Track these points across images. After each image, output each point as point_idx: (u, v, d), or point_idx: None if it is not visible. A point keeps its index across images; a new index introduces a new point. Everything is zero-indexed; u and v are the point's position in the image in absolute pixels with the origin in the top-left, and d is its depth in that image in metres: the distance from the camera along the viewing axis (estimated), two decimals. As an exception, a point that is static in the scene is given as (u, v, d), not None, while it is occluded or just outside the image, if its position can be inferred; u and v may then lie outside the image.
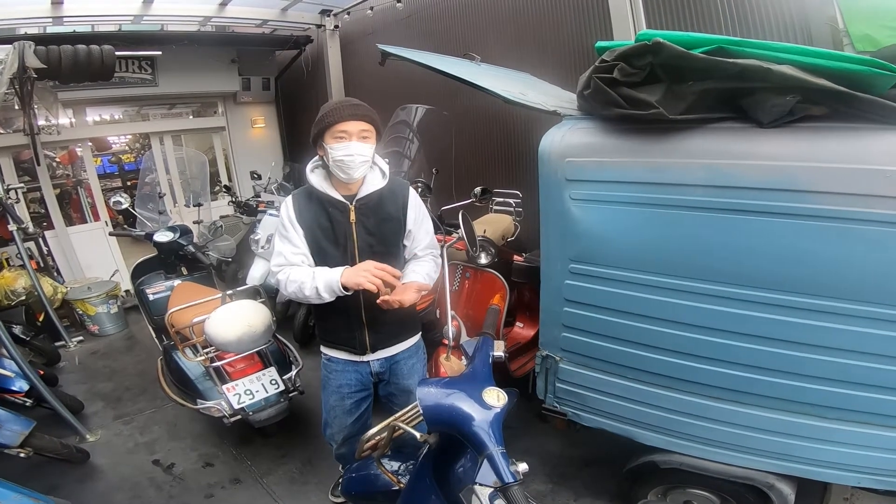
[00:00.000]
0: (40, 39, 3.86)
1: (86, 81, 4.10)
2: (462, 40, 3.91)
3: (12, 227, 3.81)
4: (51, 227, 5.03)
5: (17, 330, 3.54)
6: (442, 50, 2.55)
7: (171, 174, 5.88)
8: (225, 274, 4.30)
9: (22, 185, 4.50)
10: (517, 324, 2.83)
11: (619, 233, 1.54)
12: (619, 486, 2.14)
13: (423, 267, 1.74)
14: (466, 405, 1.15)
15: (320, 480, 2.49)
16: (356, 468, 1.84)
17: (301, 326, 3.62)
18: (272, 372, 2.53)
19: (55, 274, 4.78)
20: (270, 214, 3.95)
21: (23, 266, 4.04)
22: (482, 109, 3.64)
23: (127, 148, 6.88)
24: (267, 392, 2.47)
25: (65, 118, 5.11)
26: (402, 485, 1.57)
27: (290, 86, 6.50)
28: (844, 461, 1.45)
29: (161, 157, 5.84)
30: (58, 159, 5.64)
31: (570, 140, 1.59)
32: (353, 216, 1.63)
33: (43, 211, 5.09)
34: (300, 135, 6.54)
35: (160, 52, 5.07)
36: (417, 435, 1.39)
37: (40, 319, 4.18)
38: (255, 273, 3.71)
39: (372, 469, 1.70)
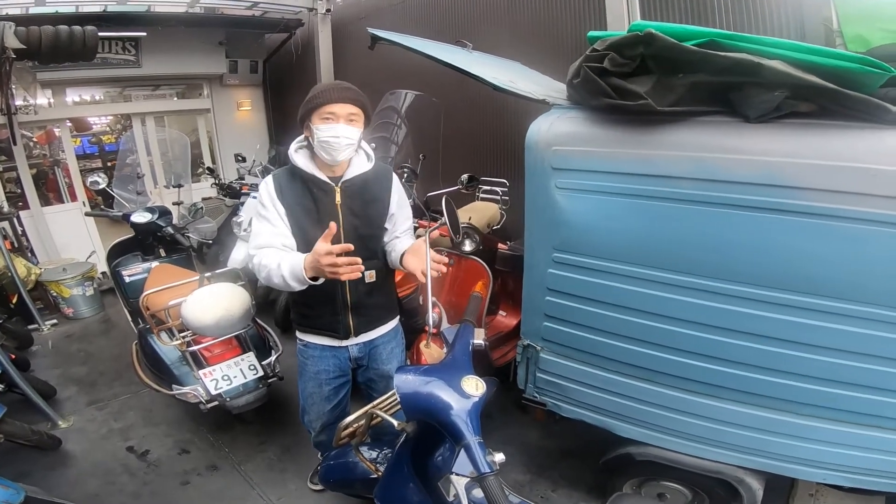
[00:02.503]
0: (21, 20, 3.74)
1: (67, 62, 3.95)
2: (455, 28, 3.87)
3: None
4: (26, 206, 4.92)
5: None
6: (434, 37, 2.51)
7: (153, 155, 5.77)
8: (206, 257, 4.23)
9: None
10: (500, 312, 2.82)
11: (604, 223, 1.53)
12: (595, 478, 2.17)
13: (407, 241, 1.73)
14: (444, 393, 1.14)
15: (299, 468, 2.47)
16: (334, 456, 1.84)
17: (282, 311, 3.58)
18: (251, 357, 2.48)
19: (29, 255, 4.67)
20: (254, 197, 3.87)
21: None
22: (472, 97, 3.61)
23: (108, 129, 6.70)
24: (245, 378, 2.42)
25: (43, 98, 5.01)
26: (380, 473, 1.57)
27: (278, 69, 6.41)
28: (812, 457, 1.47)
29: (142, 139, 5.71)
30: (35, 139, 5.48)
31: (557, 129, 1.57)
32: (338, 198, 1.60)
33: (18, 191, 4.97)
34: (287, 119, 6.46)
35: (145, 34, 4.95)
36: (395, 423, 1.38)
37: (13, 301, 4.08)
38: (237, 256, 3.64)
39: (350, 457, 1.70)
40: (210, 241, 4.03)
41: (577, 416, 1.84)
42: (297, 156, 1.61)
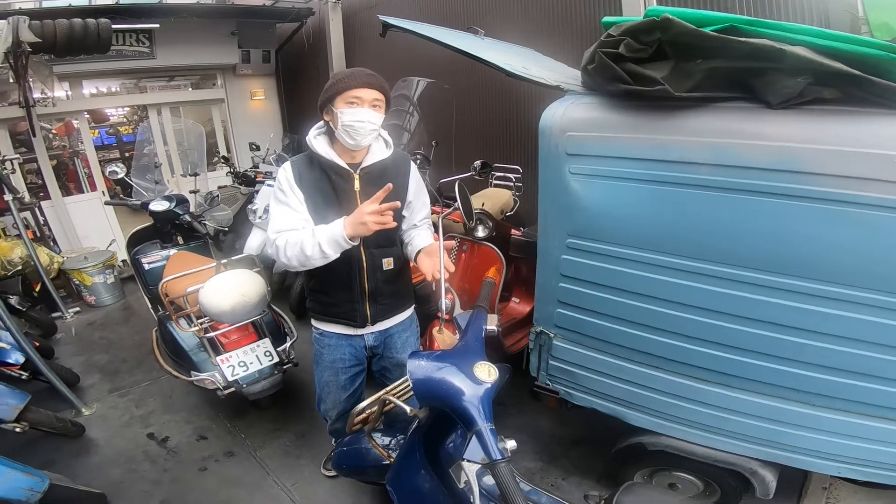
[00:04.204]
0: (36, 14, 3.77)
1: (81, 55, 4.01)
2: (466, 15, 3.81)
3: (7, 196, 3.80)
4: (47, 197, 5.04)
5: (13, 300, 3.52)
6: (446, 24, 2.48)
7: (169, 145, 5.85)
8: (223, 244, 4.29)
9: (17, 156, 4.47)
10: (513, 299, 2.82)
11: (619, 209, 1.51)
12: (606, 467, 2.18)
13: (425, 234, 1.74)
14: (457, 380, 1.14)
15: (313, 454, 2.50)
16: (348, 442, 1.86)
17: (298, 297, 3.62)
18: (266, 343, 2.50)
19: (52, 244, 4.78)
20: (268, 185, 3.92)
21: (19, 236, 4.03)
22: (485, 84, 3.58)
23: (125, 120, 6.80)
24: (261, 364, 2.45)
25: (60, 91, 5.08)
26: (392, 459, 1.59)
27: (290, 59, 6.41)
28: (826, 450, 1.45)
29: (159, 129, 5.80)
30: (54, 131, 5.58)
31: (571, 114, 1.55)
32: (357, 184, 1.61)
33: (40, 181, 5.08)
34: (300, 107, 6.50)
35: (158, 25, 4.97)
36: (408, 409, 1.39)
37: (37, 290, 4.16)
38: (253, 243, 3.70)
39: (363, 443, 1.71)
40: (226, 229, 4.08)
41: (589, 404, 1.83)
42: (317, 142, 1.60)
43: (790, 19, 2.38)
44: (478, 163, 2.59)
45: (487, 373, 1.15)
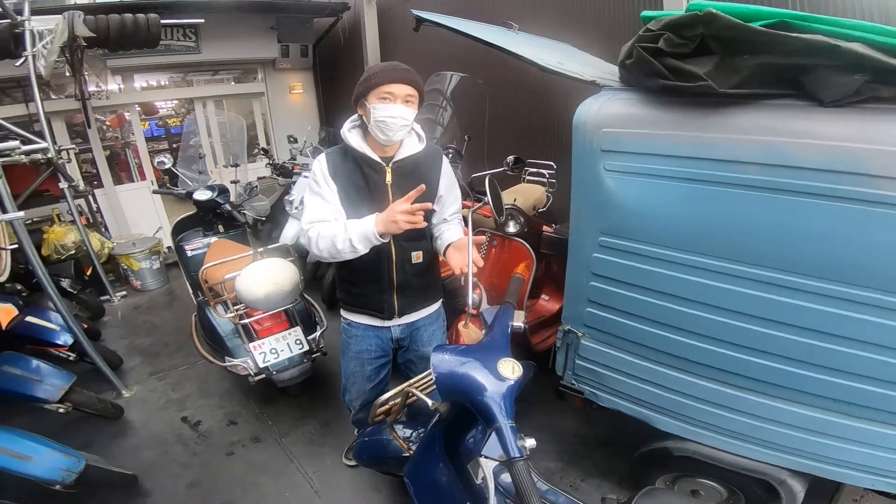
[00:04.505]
0: (89, 9, 3.95)
1: (133, 49, 4.16)
2: (500, 9, 3.74)
3: (63, 184, 4.01)
4: (100, 185, 5.30)
5: (65, 283, 3.70)
6: (479, 18, 2.45)
7: (213, 137, 6.04)
8: (260, 233, 4.42)
9: (73, 146, 4.72)
10: (542, 296, 2.78)
11: (655, 207, 1.46)
12: (628, 470, 2.14)
13: (455, 229, 1.74)
14: (480, 375, 1.13)
15: (336, 443, 2.54)
16: (369, 433, 1.87)
17: (329, 287, 3.69)
18: (297, 332, 2.55)
19: (103, 230, 5.02)
20: (305, 177, 4.02)
21: (73, 222, 4.26)
22: (519, 79, 3.52)
23: (173, 112, 7.08)
24: (291, 352, 2.50)
25: (114, 84, 5.30)
26: (412, 452, 1.60)
27: (327, 53, 6.50)
28: (862, 462, 1.39)
29: (204, 121, 6.00)
30: (108, 123, 5.86)
31: (607, 110, 1.51)
32: (389, 177, 1.62)
33: (94, 171, 5.35)
34: (336, 101, 6.59)
35: (203, 20, 5.11)
36: (430, 402, 1.40)
37: (88, 274, 4.38)
38: (288, 233, 3.79)
39: (384, 434, 1.73)
40: (264, 219, 4.20)
41: (615, 406, 1.80)
42: (350, 135, 1.62)
43: (847, 16, 2.22)
44: (510, 158, 2.56)
45: (511, 369, 1.14)
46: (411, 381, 1.57)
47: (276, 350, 2.48)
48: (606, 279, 1.63)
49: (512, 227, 2.33)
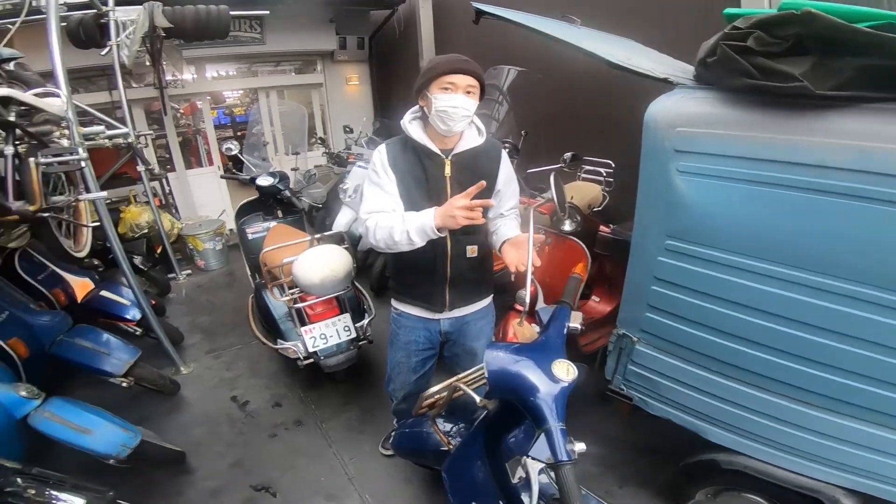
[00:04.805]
0: (166, 0, 4.15)
1: (205, 40, 4.33)
2: (560, 3, 3.62)
3: (141, 168, 4.29)
4: (173, 169, 5.65)
5: (137, 260, 3.93)
6: (537, 12, 2.38)
7: (275, 126, 6.28)
8: (314, 219, 4.55)
9: (151, 132, 5.05)
10: (593, 297, 2.71)
11: (730, 212, 1.38)
12: (668, 480, 2.05)
13: (511, 224, 1.73)
14: (533, 375, 1.12)
15: (375, 431, 2.57)
16: (409, 424, 1.91)
17: (378, 276, 3.76)
18: (346, 318, 2.60)
19: (174, 211, 5.32)
20: (359, 166, 4.11)
21: (147, 203, 4.57)
22: (578, 74, 3.40)
23: (238, 102, 7.43)
24: (340, 338, 2.55)
25: (188, 74, 5.59)
26: (451, 446, 1.61)
27: (382, 45, 6.57)
28: None
29: (266, 110, 6.24)
30: (181, 111, 6.21)
31: (682, 109, 1.43)
32: (448, 170, 1.62)
33: (167, 155, 5.70)
34: (390, 92, 6.67)
35: (268, 12, 5.23)
36: (477, 399, 1.39)
37: (158, 252, 4.67)
38: (341, 220, 3.90)
39: (425, 427, 1.76)
40: (320, 206, 4.31)
41: (665, 414, 1.74)
42: (411, 126, 1.63)
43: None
44: (568, 155, 2.50)
45: (566, 371, 1.12)
46: (459, 375, 1.57)
47: (326, 335, 2.54)
48: (670, 284, 1.56)
49: (568, 226, 2.27)
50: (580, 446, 1.04)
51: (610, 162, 2.89)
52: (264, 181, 3.38)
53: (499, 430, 1.46)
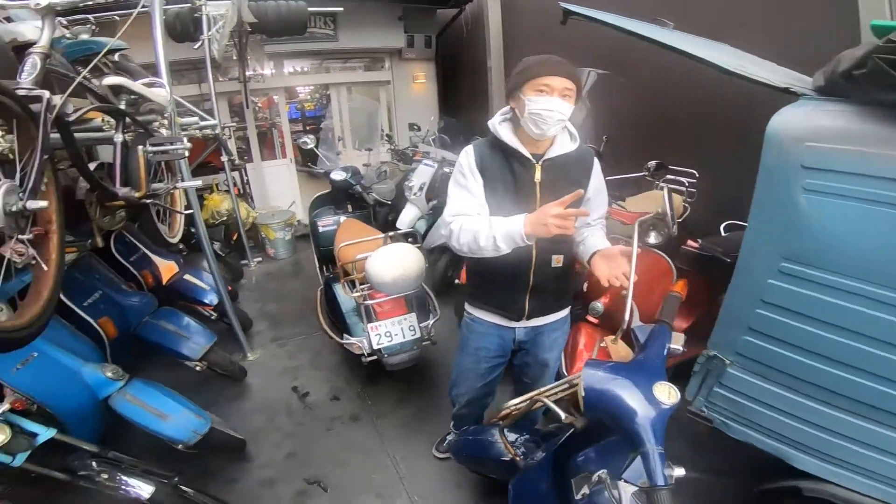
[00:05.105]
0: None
1: (285, 35, 4.48)
2: (645, 5, 3.42)
3: (224, 158, 4.53)
4: (251, 160, 5.91)
5: (216, 246, 4.09)
6: (620, 12, 2.27)
7: (344, 122, 6.43)
8: (377, 215, 4.63)
9: (234, 124, 5.32)
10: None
11: (864, 236, 1.25)
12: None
13: (599, 235, 1.66)
14: (633, 396, 1.10)
15: (429, 431, 2.55)
16: (473, 431, 1.91)
17: (440, 276, 3.74)
18: (412, 318, 2.60)
19: (249, 200, 5.58)
20: (425, 164, 4.12)
21: (227, 191, 4.81)
22: (662, 79, 3.24)
23: (308, 97, 7.69)
24: (404, 337, 2.56)
25: (268, 69, 5.83)
26: (517, 458, 1.61)
27: (449, 44, 6.58)
28: None
29: (337, 106, 6.41)
30: (259, 104, 6.48)
31: (812, 122, 1.31)
32: (538, 175, 1.56)
33: (245, 147, 5.97)
34: (455, 91, 6.68)
35: (342, 9, 5.40)
36: (563, 415, 1.36)
37: (234, 239, 4.90)
38: (405, 218, 3.90)
39: (489, 436, 1.76)
40: (389, 202, 4.34)
41: (747, 438, 1.66)
42: (501, 128, 1.58)
43: None
44: (652, 163, 2.37)
45: (668, 394, 1.09)
46: (543, 389, 1.54)
47: (391, 334, 2.55)
48: (780, 308, 1.45)
49: (653, 238, 2.16)
50: (679, 471, 1.02)
51: (694, 171, 2.72)
52: (337, 176, 3.47)
53: (574, 446, 1.42)
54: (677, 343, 1.28)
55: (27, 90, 1.28)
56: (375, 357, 2.55)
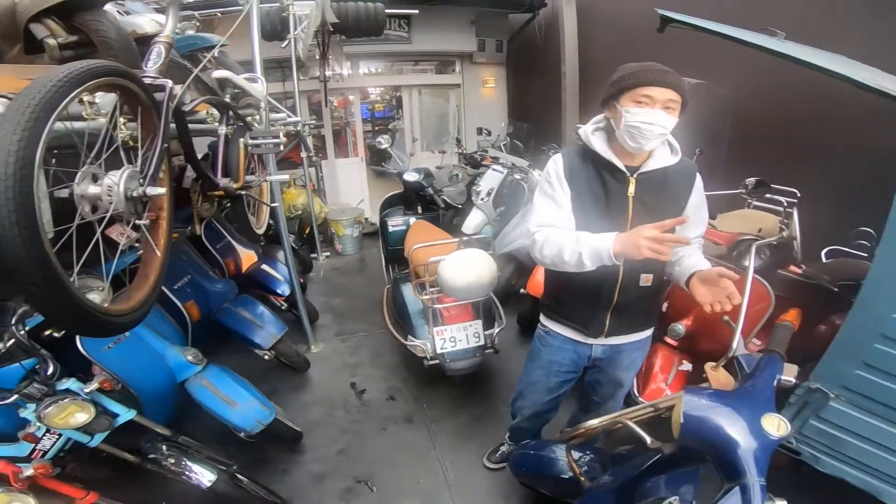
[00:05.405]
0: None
1: (363, 36, 4.58)
2: (742, 11, 3.16)
3: (303, 154, 4.72)
4: (325, 157, 6.15)
5: (290, 239, 4.10)
6: (717, 20, 2.13)
7: (414, 123, 6.58)
8: (443, 218, 4.66)
9: (312, 121, 5.54)
10: (754, 340, 2.36)
11: None
12: None
13: (697, 255, 1.54)
14: (736, 425, 1.06)
15: (481, 442, 2.50)
16: (535, 446, 1.88)
17: (504, 285, 3.67)
18: (478, 325, 2.57)
19: (322, 196, 5.78)
20: (494, 170, 4.06)
21: (304, 186, 5.00)
22: (758, 91, 3.02)
23: (378, 98, 7.92)
24: (468, 343, 2.53)
25: (346, 69, 6.04)
26: (581, 476, 1.58)
27: (520, 49, 6.53)
28: None
29: (408, 108, 6.57)
30: (335, 103, 6.73)
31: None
32: (631, 189, 1.48)
33: (320, 144, 6.21)
34: (524, 96, 6.63)
35: (417, 11, 5.49)
36: (648, 440, 1.31)
37: (306, 232, 5.09)
38: (471, 222, 3.87)
39: (552, 452, 1.75)
40: (459, 206, 4.30)
41: (839, 473, 1.62)
42: (594, 137, 1.51)
43: None
44: (752, 180, 2.20)
45: (777, 427, 1.05)
46: (626, 411, 1.47)
47: (455, 339, 2.53)
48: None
49: (753, 262, 2.00)
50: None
51: (794, 191, 2.51)
52: (410, 177, 3.51)
53: (649, 471, 1.36)
54: (790, 375, 1.21)
55: (152, 79, 1.30)
56: (437, 361, 2.54)
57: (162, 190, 1.23)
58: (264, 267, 3.30)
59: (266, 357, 2.67)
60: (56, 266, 0.88)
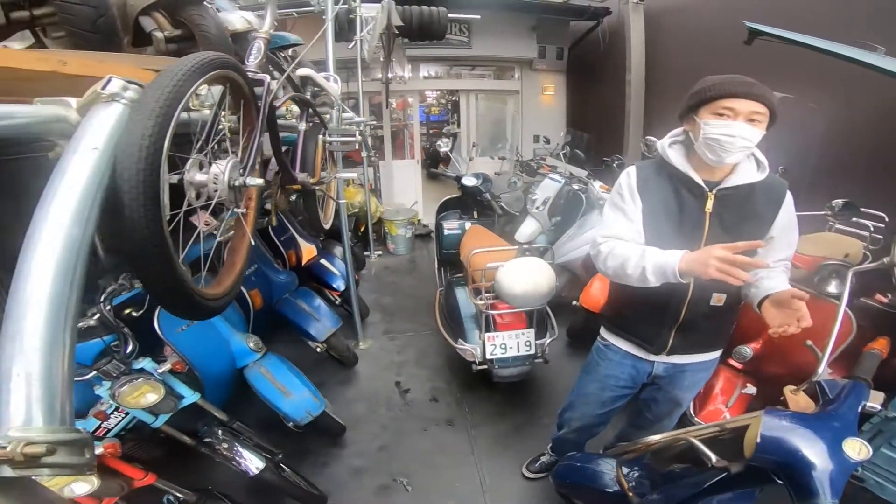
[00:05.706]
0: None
1: (426, 40, 4.60)
2: (824, 22, 2.98)
3: (364, 153, 4.85)
4: (382, 158, 6.29)
5: (347, 236, 4.45)
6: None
7: (471, 128, 6.61)
8: (496, 224, 4.66)
9: (373, 122, 5.66)
10: (827, 368, 2.22)
11: None
12: None
13: (780, 277, 1.42)
14: (815, 448, 1.06)
15: (521, 450, 2.47)
16: (582, 458, 1.86)
17: (556, 295, 3.64)
18: (530, 333, 2.53)
19: (378, 196, 5.90)
20: (551, 179, 4.03)
21: (362, 185, 5.13)
22: (849, 109, 2.82)
23: (434, 102, 8.03)
24: (519, 351, 2.50)
25: (407, 72, 6.16)
26: (629, 492, 1.55)
27: (581, 57, 6.45)
28: None
29: (465, 113, 6.63)
30: (395, 105, 6.83)
31: None
32: (709, 204, 1.41)
33: (378, 145, 6.34)
34: (584, 105, 6.54)
35: (478, 16, 5.49)
36: (713, 458, 1.27)
37: (361, 230, 5.21)
38: (525, 230, 3.86)
39: (599, 465, 1.73)
40: (516, 213, 4.28)
41: None
42: (671, 150, 1.46)
43: None
44: (839, 202, 2.06)
45: (858, 450, 1.04)
46: (690, 429, 1.44)
47: (507, 346, 2.51)
48: None
49: (834, 288, 1.88)
50: None
51: (883, 215, 2.33)
52: (469, 181, 3.53)
53: (707, 490, 1.32)
54: (876, 402, 1.17)
55: (253, 73, 1.33)
56: (485, 366, 2.53)
57: (260, 181, 1.27)
58: (323, 262, 3.39)
59: (318, 349, 2.74)
60: (171, 249, 0.92)
